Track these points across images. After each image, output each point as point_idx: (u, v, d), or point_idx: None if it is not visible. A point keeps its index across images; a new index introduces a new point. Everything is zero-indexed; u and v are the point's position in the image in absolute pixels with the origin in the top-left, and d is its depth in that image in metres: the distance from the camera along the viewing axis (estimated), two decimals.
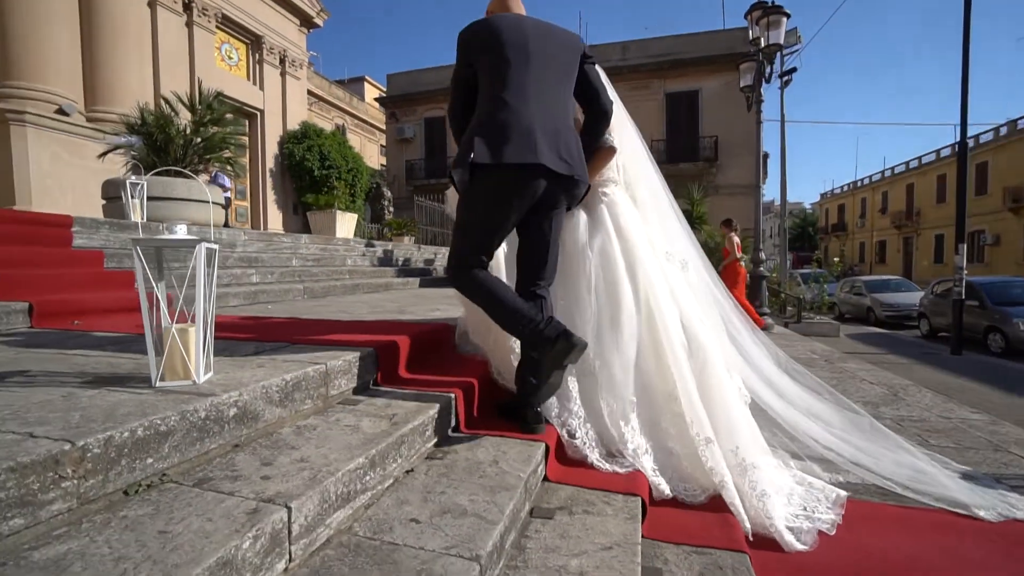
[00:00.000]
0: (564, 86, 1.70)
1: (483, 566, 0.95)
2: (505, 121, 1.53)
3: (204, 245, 1.20)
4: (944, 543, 1.66)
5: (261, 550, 0.81)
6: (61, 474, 0.81)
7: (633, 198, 2.08)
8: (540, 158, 1.51)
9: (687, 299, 1.99)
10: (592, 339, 1.79)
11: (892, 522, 1.77)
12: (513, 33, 1.61)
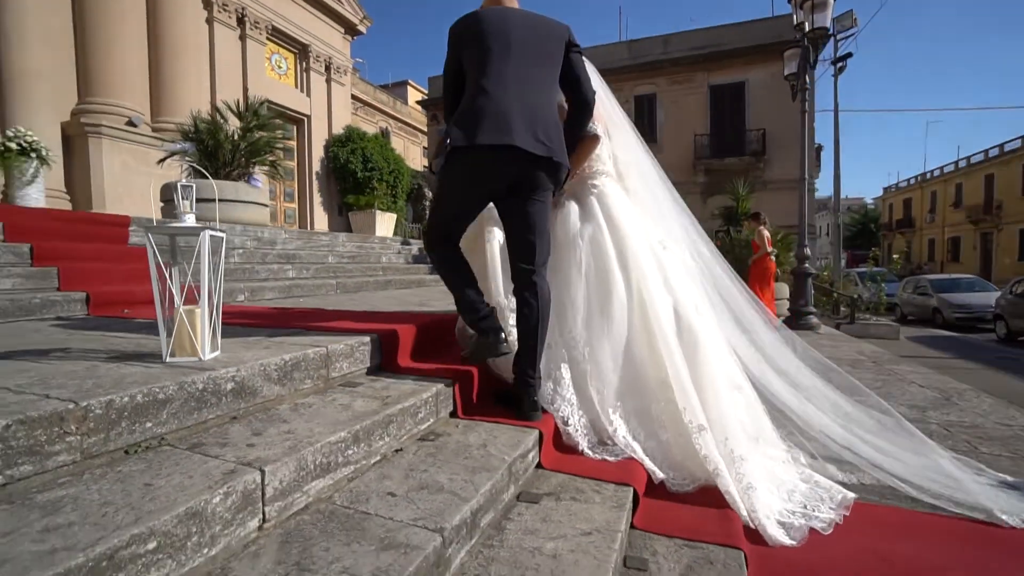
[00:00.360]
0: (547, 73, 1.72)
1: (446, 538, 0.98)
2: (482, 106, 1.58)
3: (208, 232, 1.30)
4: (955, 549, 1.54)
5: (232, 506, 0.88)
6: (66, 430, 0.91)
7: (625, 188, 2.07)
8: (514, 139, 1.54)
9: (682, 287, 1.94)
10: (582, 327, 1.80)
11: (903, 526, 1.65)
12: (496, 24, 1.66)
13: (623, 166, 2.10)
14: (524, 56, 1.65)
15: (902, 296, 14.57)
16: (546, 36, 1.71)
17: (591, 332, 1.79)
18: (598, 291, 1.84)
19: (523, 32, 1.67)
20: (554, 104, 1.74)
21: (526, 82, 1.64)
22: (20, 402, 0.93)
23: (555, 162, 1.65)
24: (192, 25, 10.19)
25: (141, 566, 0.74)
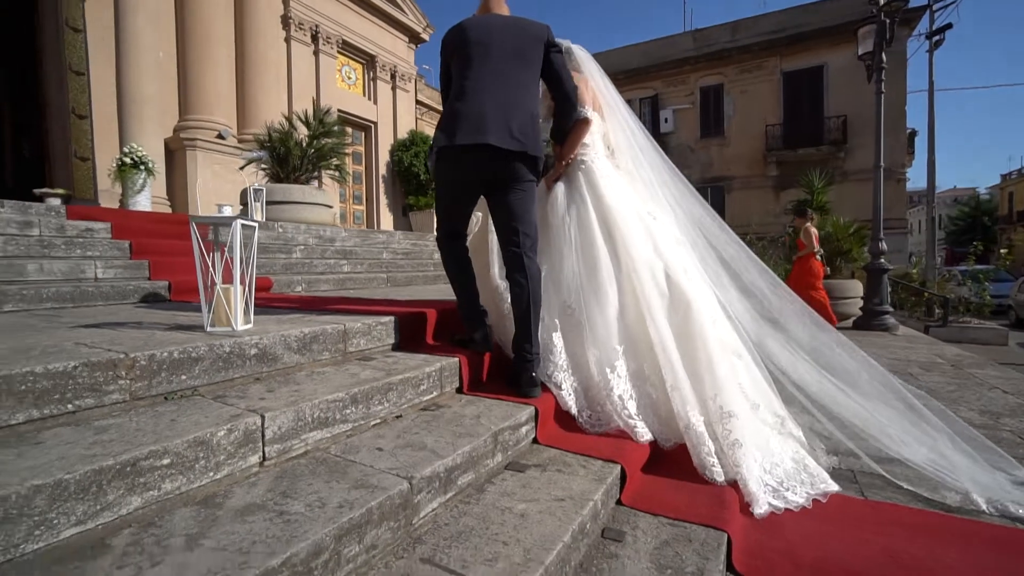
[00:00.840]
0: (525, 74, 1.84)
1: (414, 486, 1.11)
2: (459, 110, 1.74)
3: (240, 222, 1.52)
4: (955, 549, 1.44)
5: (234, 441, 1.06)
6: (118, 374, 1.14)
7: (617, 166, 2.16)
8: (488, 138, 1.69)
9: (672, 253, 1.99)
10: (575, 297, 1.91)
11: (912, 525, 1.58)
12: (477, 32, 1.81)
13: (615, 145, 2.20)
14: (502, 60, 1.79)
15: (1017, 297, 12.82)
16: (524, 39, 1.84)
17: (585, 301, 1.90)
18: (586, 263, 1.95)
19: (501, 37, 1.81)
20: (531, 102, 1.84)
21: (503, 84, 1.77)
22: (89, 353, 1.18)
23: (530, 156, 1.77)
24: (272, 45, 11.17)
25: (158, 476, 0.93)
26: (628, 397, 1.77)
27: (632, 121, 2.26)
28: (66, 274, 2.71)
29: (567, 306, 1.92)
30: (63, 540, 0.81)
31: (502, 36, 1.81)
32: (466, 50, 1.80)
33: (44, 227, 3.15)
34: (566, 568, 1.12)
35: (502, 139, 1.70)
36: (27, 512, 0.78)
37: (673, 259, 1.96)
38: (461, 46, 1.82)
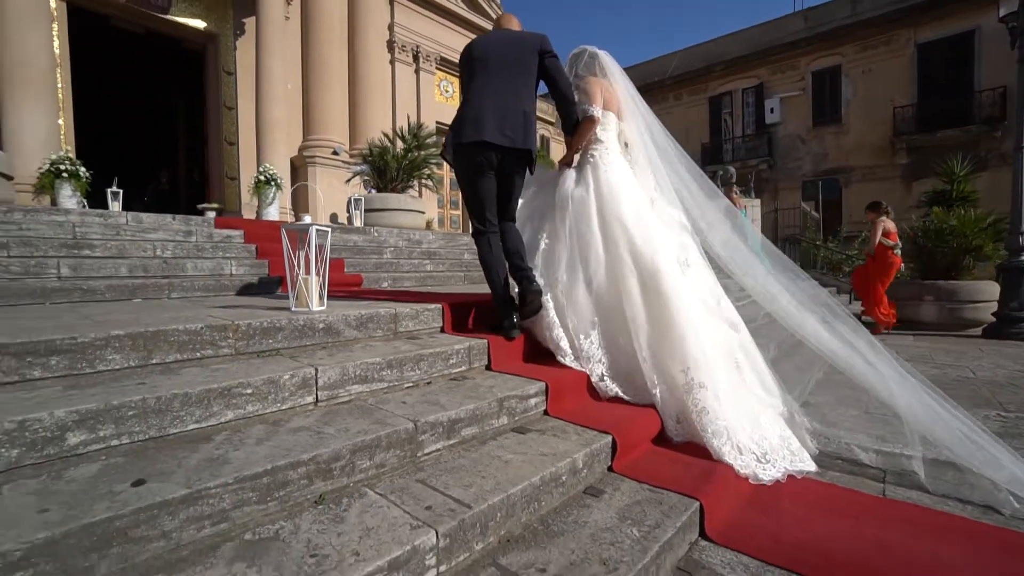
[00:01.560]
0: (522, 80, 2.18)
1: (419, 427, 1.44)
2: (464, 115, 2.14)
3: (314, 227, 1.99)
4: (928, 540, 1.40)
5: (295, 384, 1.48)
6: (226, 335, 1.63)
7: (634, 161, 2.37)
8: (484, 136, 2.07)
9: (663, 241, 2.16)
10: (565, 272, 2.20)
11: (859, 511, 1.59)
12: (480, 48, 2.19)
13: (630, 142, 2.41)
14: (500, 70, 2.15)
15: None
16: (519, 50, 2.18)
17: (571, 276, 2.19)
18: (579, 244, 2.21)
19: (500, 50, 2.17)
20: (525, 104, 2.17)
21: (499, 91, 2.13)
22: (212, 321, 1.69)
23: (520, 150, 2.13)
24: (379, 68, 12.44)
25: (243, 400, 1.37)
26: (597, 360, 2.06)
27: (651, 122, 2.43)
28: (211, 271, 3.51)
29: (557, 279, 2.22)
30: (187, 431, 1.27)
31: (499, 50, 2.18)
32: (470, 65, 2.21)
33: (199, 235, 4.06)
34: (534, 505, 1.37)
35: (496, 137, 2.10)
36: (170, 410, 1.24)
37: (663, 246, 2.13)
38: (467, 62, 2.23)
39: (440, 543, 1.09)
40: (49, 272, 2.89)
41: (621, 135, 2.41)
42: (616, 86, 2.41)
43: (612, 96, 2.38)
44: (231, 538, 1.03)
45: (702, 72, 19.17)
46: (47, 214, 3.55)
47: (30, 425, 1.06)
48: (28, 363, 1.31)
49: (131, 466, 1.10)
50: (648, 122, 2.40)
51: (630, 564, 1.18)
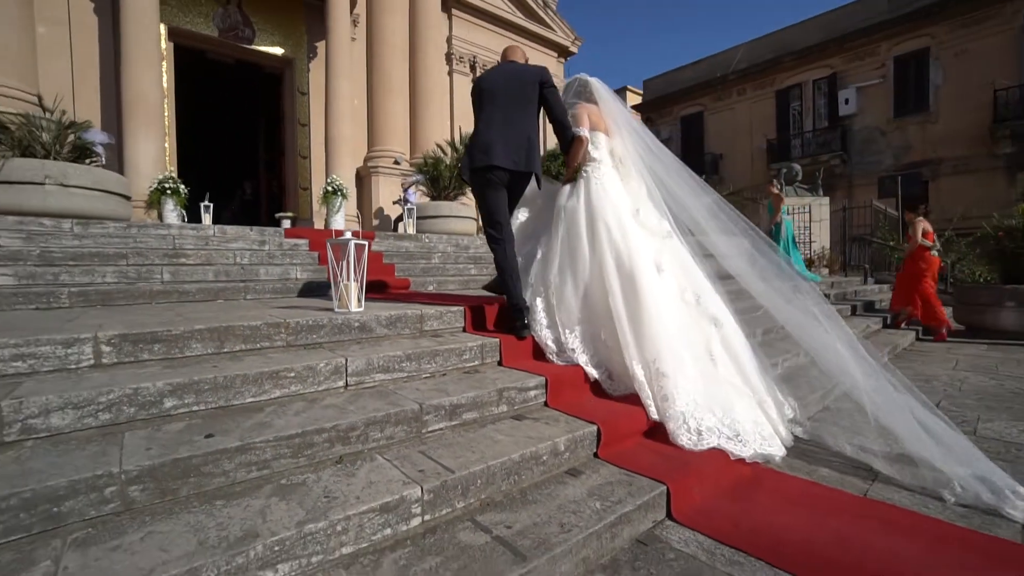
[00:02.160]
0: (525, 110, 2.49)
1: (423, 408, 1.75)
2: (476, 141, 2.49)
3: (353, 241, 2.36)
4: (880, 533, 1.48)
5: (329, 370, 1.84)
6: (280, 331, 2.03)
7: (626, 174, 2.61)
8: (493, 160, 2.41)
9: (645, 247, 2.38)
10: (557, 274, 2.48)
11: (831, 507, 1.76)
12: (488, 83, 2.52)
13: (621, 157, 2.63)
14: (505, 102, 2.48)
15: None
16: (522, 82, 2.50)
17: (561, 279, 2.46)
18: (569, 250, 2.48)
19: (505, 83, 2.49)
20: (528, 130, 2.48)
21: (505, 121, 2.46)
22: (270, 319, 2.10)
23: (524, 172, 2.48)
24: (438, 80, 13.08)
25: (287, 381, 1.74)
26: (580, 352, 2.37)
27: (641, 136, 2.67)
28: (279, 276, 4.06)
29: (550, 282, 2.50)
30: (245, 403, 1.66)
31: (506, 83, 2.51)
32: (480, 97, 2.55)
33: (271, 244, 4.67)
34: (514, 478, 1.63)
35: (504, 161, 2.45)
36: (233, 387, 1.63)
37: (641, 251, 2.35)
38: (477, 94, 2.57)
39: (424, 497, 1.38)
40: (155, 277, 3.53)
41: (614, 152, 2.63)
42: (605, 107, 2.67)
43: (600, 118, 2.64)
44: (270, 481, 1.38)
45: (769, 64, 18.26)
46: (154, 229, 4.27)
47: (141, 392, 1.48)
48: (140, 348, 1.77)
49: (204, 425, 1.49)
50: (636, 138, 2.62)
51: (583, 528, 1.41)
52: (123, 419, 1.45)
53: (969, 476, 1.77)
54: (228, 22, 9.96)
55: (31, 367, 1.57)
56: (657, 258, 2.37)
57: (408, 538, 1.33)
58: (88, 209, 4.53)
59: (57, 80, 7.58)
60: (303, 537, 1.16)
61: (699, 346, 2.25)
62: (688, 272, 2.43)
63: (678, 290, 2.36)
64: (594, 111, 2.64)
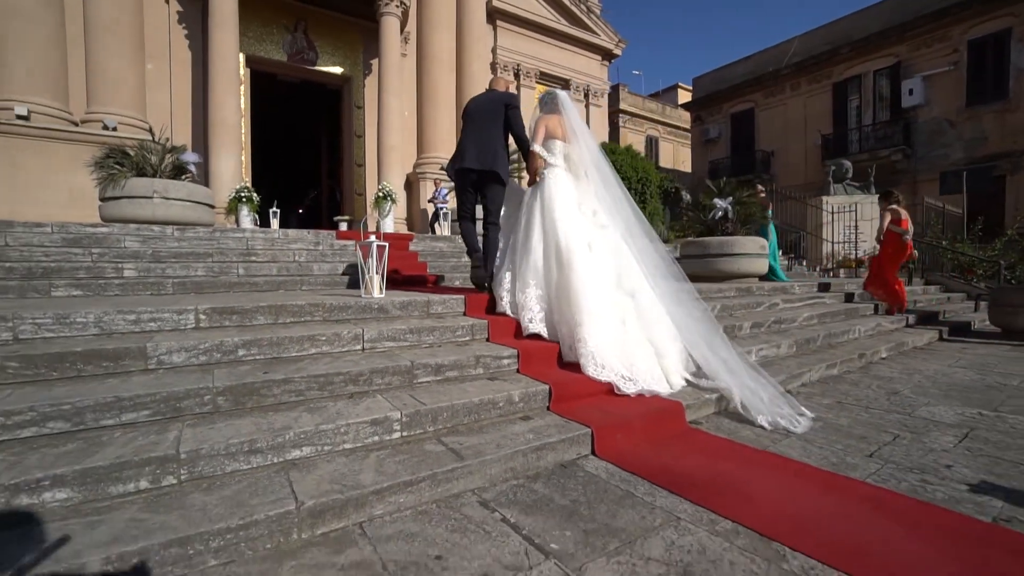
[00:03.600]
0: (494, 126, 3.27)
1: (414, 365, 2.39)
2: (458, 150, 3.31)
3: (375, 244, 3.06)
4: (763, 472, 1.94)
5: (350, 337, 2.53)
6: (318, 309, 2.76)
7: (575, 175, 3.21)
8: (465, 163, 3.21)
9: (581, 234, 2.99)
10: (520, 254, 3.13)
11: (729, 455, 2.44)
12: (471, 106, 3.35)
13: (575, 162, 3.24)
14: (479, 120, 3.28)
15: None
16: (493, 106, 3.28)
17: (523, 257, 3.10)
18: (526, 237, 3.11)
19: (483, 106, 3.30)
20: (496, 142, 3.24)
21: (477, 132, 3.26)
22: (313, 301, 2.83)
23: (490, 171, 3.21)
24: (483, 86, 13.85)
25: (320, 343, 2.45)
26: (528, 309, 3.04)
27: (592, 143, 3.30)
28: (329, 271, 4.89)
29: (515, 260, 3.16)
30: (290, 355, 2.38)
31: (482, 106, 3.33)
32: (465, 118, 3.38)
33: (324, 245, 5.54)
34: (474, 415, 2.22)
35: (472, 163, 3.24)
36: (282, 344, 2.35)
37: (578, 236, 2.96)
38: (464, 115, 3.41)
39: (403, 419, 2.02)
40: (233, 272, 4.43)
41: (569, 156, 3.24)
42: (566, 117, 3.26)
43: (558, 125, 3.24)
44: (303, 403, 2.07)
45: (825, 56, 17.58)
46: (232, 233, 5.25)
47: (224, 344, 2.23)
48: (223, 317, 2.54)
49: (263, 366, 2.21)
50: (590, 143, 3.26)
51: (514, 448, 1.98)
52: (213, 361, 2.20)
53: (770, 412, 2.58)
54: (295, 47, 11.20)
55: (159, 326, 2.37)
56: (590, 240, 3.00)
57: (389, 444, 1.97)
58: (183, 217, 5.60)
59: (160, 108, 9.02)
60: (319, 432, 1.83)
61: (614, 310, 2.86)
62: (617, 256, 3.04)
63: (604, 268, 2.96)
64: (555, 121, 3.25)
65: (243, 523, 1.40)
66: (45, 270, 3.71)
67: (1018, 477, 1.97)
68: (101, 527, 1.35)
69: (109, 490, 1.50)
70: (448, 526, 1.58)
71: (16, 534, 1.31)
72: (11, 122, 7.22)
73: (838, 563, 1.39)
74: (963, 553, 1.44)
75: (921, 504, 1.75)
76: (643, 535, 1.54)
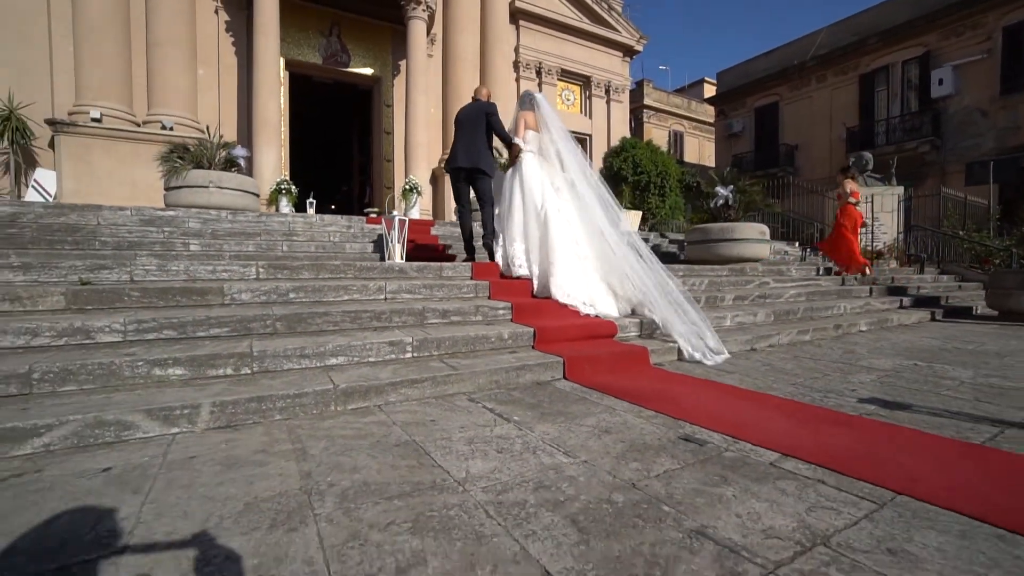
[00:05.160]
0: (478, 131, 3.87)
1: (424, 310, 2.99)
2: (450, 151, 3.92)
3: (398, 217, 3.70)
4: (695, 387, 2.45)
5: (375, 289, 3.16)
6: (350, 268, 3.39)
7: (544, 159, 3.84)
8: (457, 163, 3.79)
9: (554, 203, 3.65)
10: (506, 221, 3.79)
11: (672, 380, 3.01)
12: (462, 113, 3.95)
13: (546, 150, 3.89)
14: (467, 125, 3.87)
15: None
16: (477, 114, 3.89)
17: (508, 222, 3.76)
18: (510, 206, 3.79)
19: (469, 114, 3.92)
20: (480, 144, 3.87)
21: (466, 137, 3.87)
22: (352, 263, 3.47)
23: (476, 168, 3.84)
24: (505, 86, 14.38)
25: (351, 292, 3.08)
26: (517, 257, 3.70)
27: (560, 133, 3.93)
28: (359, 250, 5.56)
29: (505, 226, 3.81)
30: (327, 300, 3.01)
31: (468, 114, 3.96)
32: (456, 124, 4.01)
33: (355, 228, 6.24)
34: (470, 346, 2.80)
35: (463, 162, 3.89)
36: (321, 291, 2.99)
37: (550, 203, 3.61)
38: (456, 122, 4.04)
39: (414, 343, 2.62)
40: (277, 248, 5.15)
41: (541, 144, 3.91)
42: (539, 112, 3.95)
43: (532, 120, 3.93)
44: (339, 331, 2.70)
45: (852, 48, 17.37)
46: (276, 216, 5.99)
47: (279, 288, 2.88)
48: (277, 272, 3.21)
49: (308, 305, 2.85)
50: (557, 135, 3.90)
51: (498, 366, 2.55)
52: (271, 300, 2.86)
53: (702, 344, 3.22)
54: (329, 50, 12.02)
55: (229, 276, 3.06)
56: (559, 207, 3.67)
57: (402, 361, 2.58)
58: (234, 203, 6.38)
59: (209, 109, 9.96)
60: (350, 347, 2.45)
61: (578, 260, 3.56)
62: (573, 224, 3.68)
63: (569, 228, 3.65)
64: (531, 116, 3.96)
65: (297, 394, 2.02)
66: (129, 243, 4.49)
67: (904, 394, 2.42)
68: (207, 389, 1.99)
69: (207, 372, 2.15)
70: (442, 408, 2.16)
71: (157, 391, 1.97)
72: (87, 124, 8.23)
73: (719, 427, 1.91)
74: (815, 427, 1.93)
75: (807, 406, 2.24)
76: (583, 415, 2.09)
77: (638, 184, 16.51)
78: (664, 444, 1.73)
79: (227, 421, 1.86)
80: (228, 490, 1.34)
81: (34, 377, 1.87)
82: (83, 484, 1.37)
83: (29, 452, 1.58)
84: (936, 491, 1.34)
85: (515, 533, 1.14)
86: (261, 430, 1.84)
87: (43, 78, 8.70)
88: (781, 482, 1.42)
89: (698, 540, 1.11)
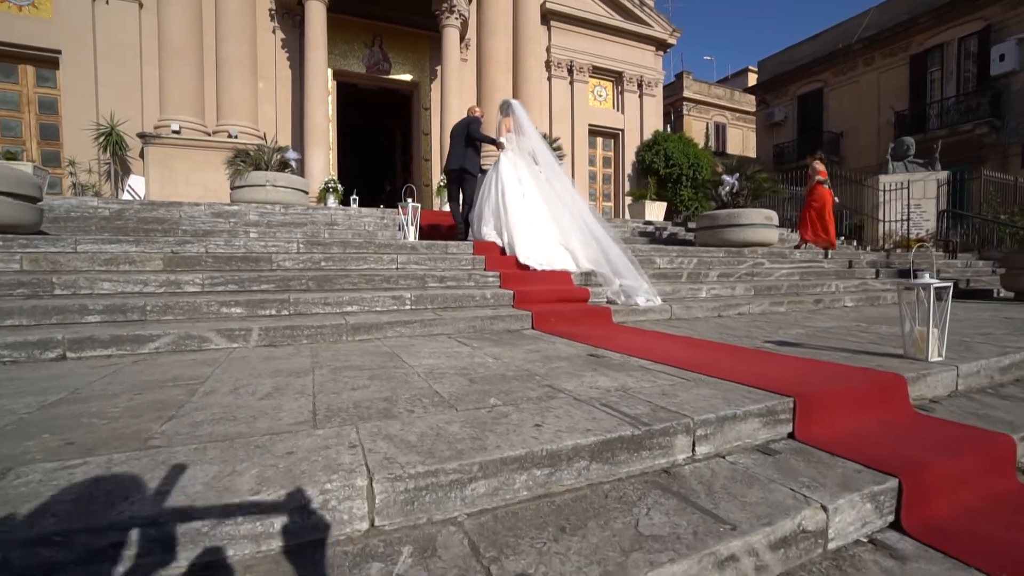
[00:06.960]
0: (463, 140, 4.71)
1: (425, 275, 3.73)
2: (447, 157, 4.69)
3: (411, 204, 4.46)
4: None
5: (388, 260, 3.93)
6: (370, 247, 4.19)
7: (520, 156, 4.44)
8: (451, 166, 4.65)
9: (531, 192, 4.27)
10: (484, 205, 4.52)
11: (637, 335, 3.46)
12: (455, 128, 4.83)
13: (523, 148, 4.61)
14: (457, 136, 4.75)
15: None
16: (461, 128, 4.75)
17: (486, 207, 4.49)
18: (487, 194, 4.59)
19: (457, 128, 4.82)
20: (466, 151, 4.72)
21: (457, 146, 4.71)
22: (380, 247, 4.26)
23: (464, 168, 4.67)
24: (537, 84, 14.99)
25: (369, 262, 3.86)
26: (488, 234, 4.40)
27: (533, 133, 4.69)
28: (390, 236, 6.39)
29: (483, 211, 4.50)
30: (350, 268, 3.81)
31: (457, 128, 4.84)
32: (450, 137, 4.88)
33: (388, 219, 7.10)
34: (459, 303, 3.50)
35: (453, 165, 4.79)
36: (344, 261, 3.79)
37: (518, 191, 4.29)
38: (450, 135, 4.87)
39: (412, 298, 3.35)
40: (321, 235, 6.07)
41: (517, 145, 4.57)
42: (515, 118, 4.71)
43: (510, 124, 4.69)
44: (355, 288, 3.48)
45: (902, 27, 16.61)
46: (321, 209, 6.96)
47: (312, 258, 3.70)
48: (313, 246, 4.05)
49: (335, 269, 3.66)
50: (531, 136, 4.59)
51: (475, 315, 3.23)
52: (307, 267, 3.69)
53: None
54: (372, 59, 13.10)
55: (277, 249, 3.92)
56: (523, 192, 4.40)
57: (402, 311, 3.31)
58: (286, 200, 7.42)
59: (268, 118, 11.24)
60: (361, 299, 3.21)
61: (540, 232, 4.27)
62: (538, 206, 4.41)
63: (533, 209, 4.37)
64: (509, 121, 4.77)
65: (319, 326, 2.78)
66: (204, 232, 5.53)
67: (811, 340, 2.88)
68: (257, 322, 2.80)
69: (257, 312, 2.97)
70: (424, 339, 2.87)
71: (224, 321, 2.80)
72: (169, 136, 9.64)
73: (626, 351, 2.49)
74: (697, 351, 2.47)
75: (709, 342, 2.77)
76: (527, 344, 2.73)
77: (670, 176, 16.66)
78: (571, 357, 2.35)
79: (270, 341, 2.66)
80: (265, 366, 2.10)
81: (147, 309, 2.75)
82: (181, 361, 2.18)
83: (148, 352, 2.42)
84: (722, 372, 1.90)
85: (429, 381, 1.82)
86: (292, 347, 2.62)
87: (135, 97, 10.22)
88: (634, 372, 2.01)
89: (544, 388, 1.74)
